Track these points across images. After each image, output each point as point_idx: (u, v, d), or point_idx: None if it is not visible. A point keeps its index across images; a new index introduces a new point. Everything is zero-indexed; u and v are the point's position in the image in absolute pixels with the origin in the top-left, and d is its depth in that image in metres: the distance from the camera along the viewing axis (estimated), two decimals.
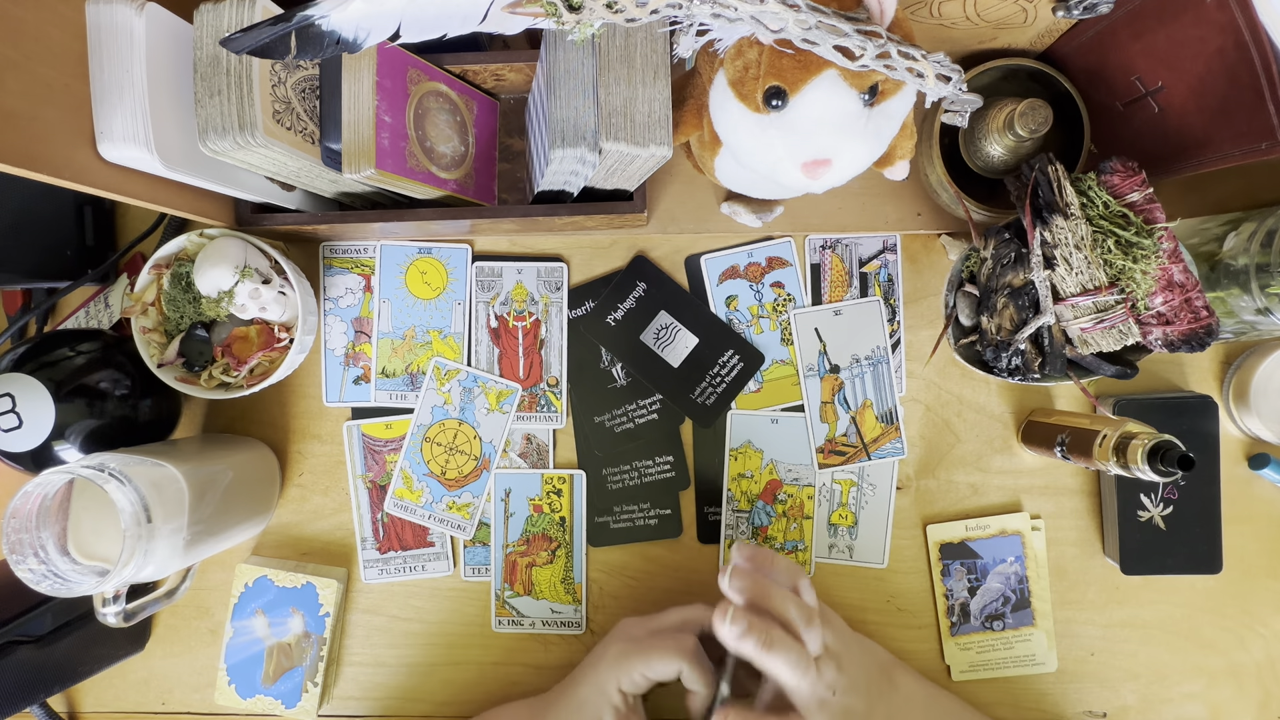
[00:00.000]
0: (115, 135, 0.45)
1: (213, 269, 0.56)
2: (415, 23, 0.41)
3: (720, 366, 0.64)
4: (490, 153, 0.63)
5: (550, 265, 0.66)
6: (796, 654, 0.48)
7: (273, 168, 0.51)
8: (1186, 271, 0.48)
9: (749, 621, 0.48)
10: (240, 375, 0.60)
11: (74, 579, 0.50)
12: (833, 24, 0.40)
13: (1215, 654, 0.64)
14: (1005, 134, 0.53)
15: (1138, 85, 0.51)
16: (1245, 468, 0.64)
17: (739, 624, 0.48)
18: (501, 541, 0.64)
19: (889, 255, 0.65)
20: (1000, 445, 0.65)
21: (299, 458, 0.66)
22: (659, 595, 0.65)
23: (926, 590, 0.64)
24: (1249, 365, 0.61)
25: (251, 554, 0.66)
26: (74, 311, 0.66)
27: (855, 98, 0.43)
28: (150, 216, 0.66)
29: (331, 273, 0.66)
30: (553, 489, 0.64)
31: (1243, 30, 0.43)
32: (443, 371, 0.65)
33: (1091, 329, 0.49)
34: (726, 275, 0.65)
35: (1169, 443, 0.48)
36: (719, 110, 0.47)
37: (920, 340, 0.65)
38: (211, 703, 0.65)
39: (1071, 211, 0.48)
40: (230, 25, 0.45)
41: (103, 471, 0.49)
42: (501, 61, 0.58)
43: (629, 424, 0.65)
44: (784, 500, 0.64)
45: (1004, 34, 0.55)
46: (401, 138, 0.53)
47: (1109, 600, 0.64)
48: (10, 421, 0.53)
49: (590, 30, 0.42)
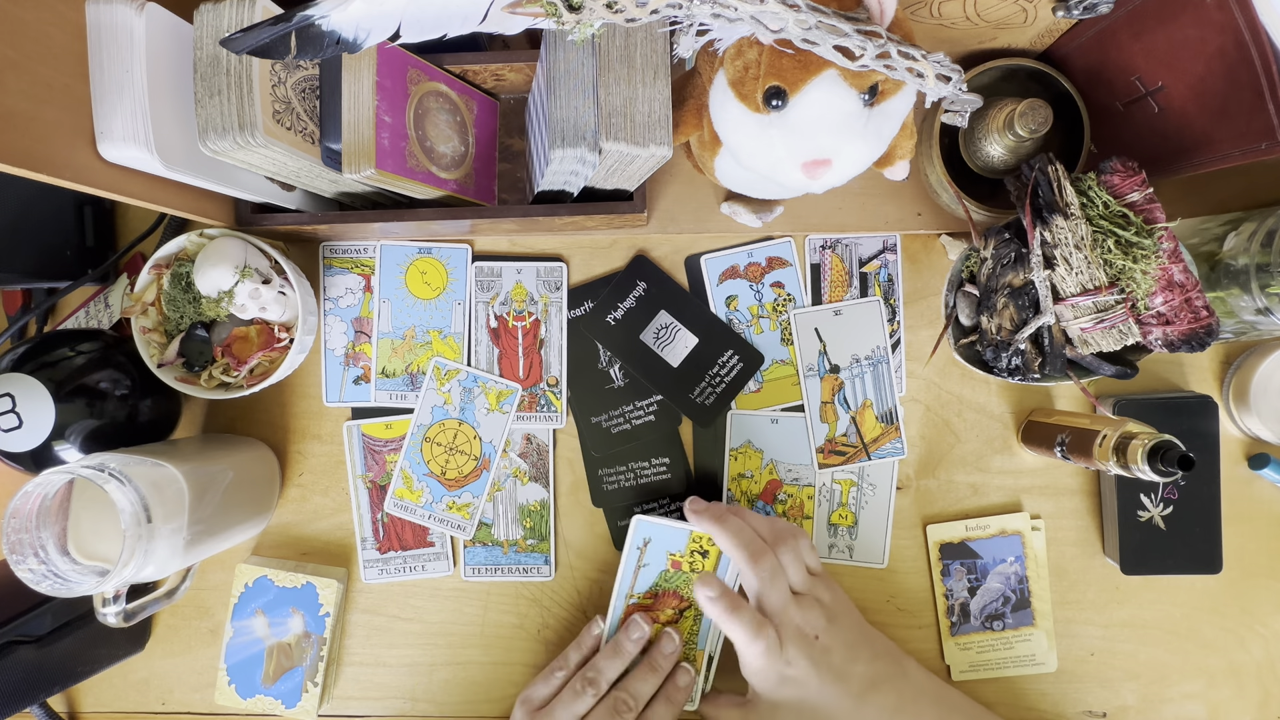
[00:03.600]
0: (115, 135, 0.45)
1: (213, 269, 0.56)
2: (415, 23, 0.41)
3: (720, 366, 0.64)
4: (490, 153, 0.63)
5: (550, 265, 0.66)
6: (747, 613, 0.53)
7: (273, 168, 0.51)
8: (1186, 271, 0.48)
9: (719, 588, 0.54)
10: (240, 375, 0.59)
11: (74, 579, 0.50)
12: (833, 24, 0.40)
13: (1215, 654, 0.64)
14: (1005, 134, 0.53)
15: (1138, 85, 0.51)
16: (1245, 468, 0.64)
17: (709, 588, 0.54)
18: (626, 590, 0.59)
19: (889, 255, 0.65)
20: (1000, 445, 0.65)
21: (299, 458, 0.66)
22: None
23: (926, 590, 0.64)
24: (1249, 365, 0.61)
25: (251, 554, 0.66)
26: (74, 311, 0.66)
27: (855, 98, 0.43)
28: (150, 216, 0.66)
29: (331, 273, 0.66)
30: (699, 548, 0.59)
31: (1243, 30, 0.43)
32: (443, 371, 0.65)
33: (1091, 329, 0.49)
34: (726, 275, 0.65)
35: (1169, 443, 0.48)
36: (719, 110, 0.47)
37: (920, 340, 0.65)
38: (211, 703, 0.65)
39: (1071, 211, 0.48)
40: (230, 25, 0.45)
41: (103, 471, 0.49)
42: (501, 61, 0.58)
43: (626, 425, 0.65)
44: (784, 500, 0.64)
45: (1004, 34, 0.55)
46: (401, 138, 0.53)
47: (1109, 600, 0.64)
48: (10, 421, 0.53)
49: (590, 30, 0.42)
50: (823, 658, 0.53)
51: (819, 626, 0.53)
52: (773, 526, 0.57)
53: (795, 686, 0.52)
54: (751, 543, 0.55)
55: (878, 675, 0.54)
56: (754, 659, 0.53)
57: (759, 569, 0.54)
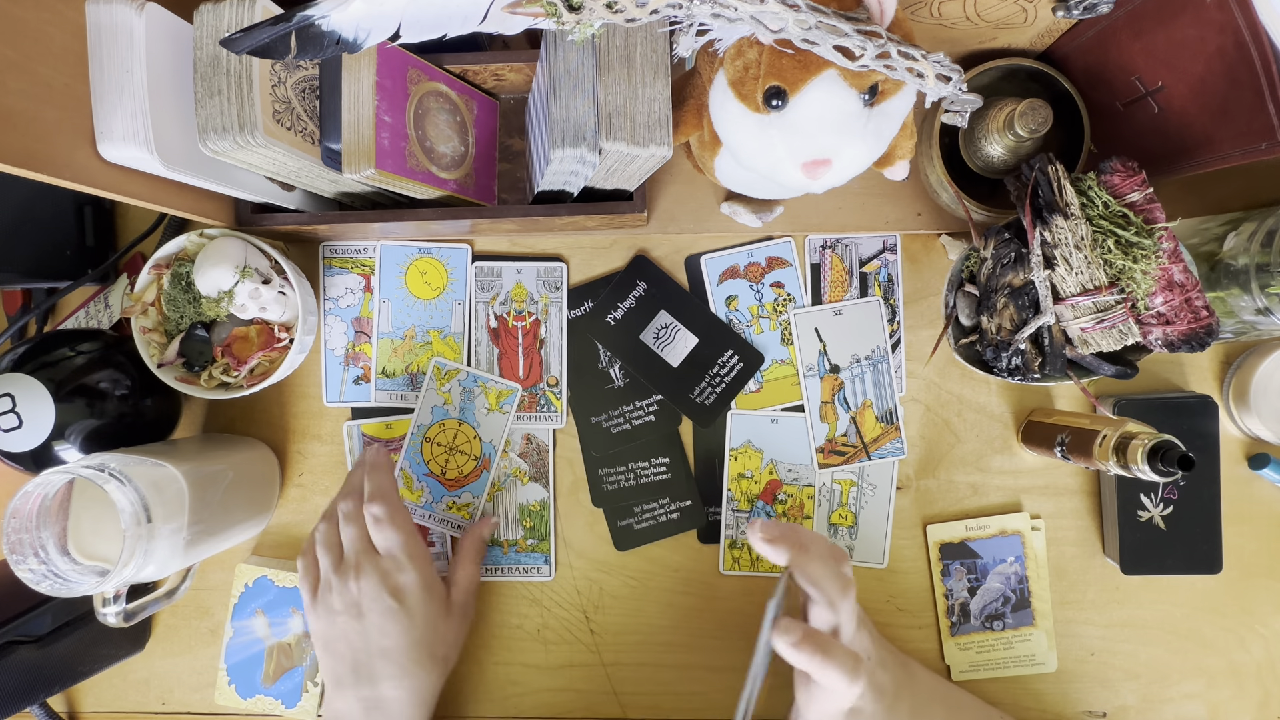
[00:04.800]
0: (115, 135, 0.45)
1: (213, 269, 0.56)
2: (415, 23, 0.41)
3: (720, 366, 0.64)
4: (490, 153, 0.63)
5: (550, 265, 0.66)
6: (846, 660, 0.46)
7: (273, 168, 0.51)
8: (1186, 271, 0.48)
9: (802, 631, 0.45)
10: (240, 375, 0.60)
11: (74, 579, 0.50)
12: (833, 24, 0.40)
13: (1215, 654, 0.64)
14: (1005, 134, 0.53)
15: (1138, 85, 0.51)
16: (1245, 468, 0.64)
17: (792, 634, 0.45)
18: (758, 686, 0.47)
19: (889, 255, 0.65)
20: (1000, 445, 0.65)
21: (299, 458, 0.66)
22: (659, 595, 0.65)
23: (926, 590, 0.64)
24: (1249, 365, 0.61)
25: (251, 554, 0.66)
26: (74, 311, 0.66)
27: (855, 98, 0.43)
28: (150, 216, 0.66)
29: (331, 273, 0.66)
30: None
31: (1243, 30, 0.43)
32: (443, 371, 0.65)
33: (1091, 329, 0.49)
34: (726, 275, 0.65)
35: (1169, 443, 0.48)
36: (719, 110, 0.47)
37: (920, 340, 0.65)
38: (211, 703, 0.65)
39: (1071, 211, 0.48)
40: (230, 25, 0.45)
41: (103, 471, 0.49)
42: (501, 61, 0.58)
43: (626, 425, 0.65)
44: (784, 500, 0.64)
45: (1004, 34, 0.55)
46: (401, 138, 0.53)
47: (1109, 600, 0.64)
48: (10, 421, 0.53)
49: (590, 30, 0.42)
50: (873, 678, 0.49)
51: (869, 647, 0.50)
52: (829, 544, 0.50)
53: (856, 716, 0.49)
54: (839, 574, 0.48)
55: (897, 682, 0.52)
56: (846, 700, 0.47)
57: (846, 601, 0.47)
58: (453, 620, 0.59)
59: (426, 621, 0.56)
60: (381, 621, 0.55)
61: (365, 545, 0.56)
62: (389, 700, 0.55)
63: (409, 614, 0.55)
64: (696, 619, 0.65)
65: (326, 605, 0.56)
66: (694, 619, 0.65)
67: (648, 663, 0.65)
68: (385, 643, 0.55)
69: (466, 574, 0.61)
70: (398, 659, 0.55)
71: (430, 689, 0.57)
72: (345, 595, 0.55)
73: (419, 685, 0.56)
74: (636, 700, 0.65)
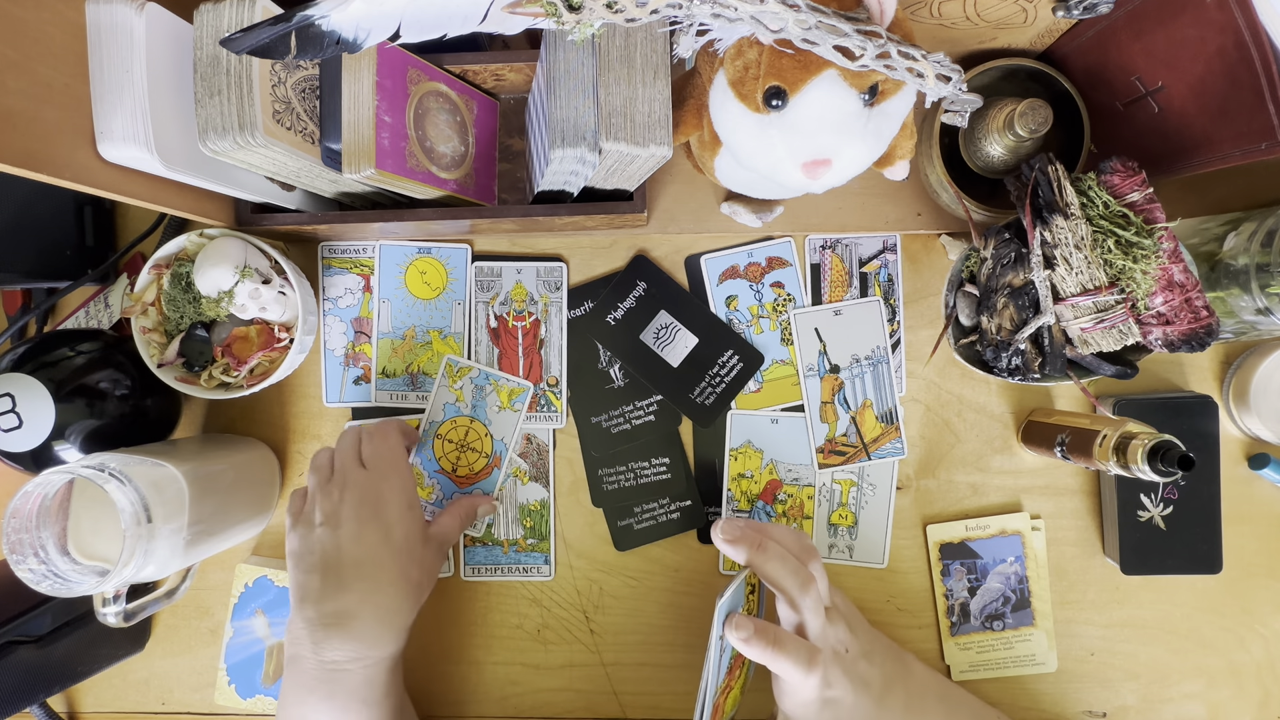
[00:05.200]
0: (115, 135, 0.45)
1: (213, 269, 0.56)
2: (415, 23, 0.41)
3: (720, 366, 0.64)
4: (490, 153, 0.63)
5: (550, 265, 0.66)
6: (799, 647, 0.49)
7: (273, 168, 0.51)
8: (1186, 271, 0.48)
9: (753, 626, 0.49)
10: (240, 375, 0.60)
11: (74, 579, 0.50)
12: (833, 24, 0.40)
13: (1215, 654, 0.64)
14: (1005, 134, 0.53)
15: (1138, 85, 0.51)
16: (1245, 468, 0.64)
17: (743, 629, 0.48)
18: (717, 685, 0.51)
19: (889, 255, 0.65)
20: (1000, 445, 0.65)
21: (299, 458, 0.66)
22: (659, 595, 0.65)
23: (926, 590, 0.64)
24: (1249, 365, 0.61)
25: (251, 554, 0.66)
26: (74, 311, 0.66)
27: (855, 98, 0.43)
28: (150, 216, 0.66)
29: (331, 273, 0.66)
30: (751, 588, 0.55)
31: (1243, 30, 0.43)
32: (455, 368, 0.65)
33: (1091, 329, 0.49)
34: (726, 275, 0.65)
35: (1169, 443, 0.48)
36: (719, 110, 0.47)
37: (920, 340, 0.65)
38: (211, 703, 0.65)
39: (1071, 211, 0.48)
40: (230, 25, 0.45)
41: (103, 471, 0.49)
42: (501, 61, 0.58)
43: (626, 425, 0.65)
44: (784, 500, 0.64)
45: (1004, 34, 0.55)
46: (401, 138, 0.53)
47: (1109, 600, 0.64)
48: (10, 421, 0.53)
49: (590, 30, 0.42)
50: (853, 670, 0.50)
51: (847, 640, 0.51)
52: (798, 540, 0.53)
53: (834, 707, 0.50)
54: (797, 571, 0.50)
55: (889, 676, 0.53)
56: (807, 691, 0.49)
57: (807, 598, 0.50)
58: (429, 549, 0.57)
59: (405, 538, 0.54)
60: (358, 529, 0.52)
61: (354, 461, 0.55)
62: (353, 615, 0.51)
63: (387, 526, 0.53)
64: (696, 619, 0.65)
65: (306, 520, 0.54)
66: (694, 619, 0.65)
67: (648, 663, 0.65)
68: (358, 551, 0.52)
69: (449, 522, 0.59)
70: (370, 572, 0.52)
71: (400, 614, 0.53)
72: (326, 506, 0.53)
73: (389, 604, 0.52)
74: (636, 700, 0.65)
